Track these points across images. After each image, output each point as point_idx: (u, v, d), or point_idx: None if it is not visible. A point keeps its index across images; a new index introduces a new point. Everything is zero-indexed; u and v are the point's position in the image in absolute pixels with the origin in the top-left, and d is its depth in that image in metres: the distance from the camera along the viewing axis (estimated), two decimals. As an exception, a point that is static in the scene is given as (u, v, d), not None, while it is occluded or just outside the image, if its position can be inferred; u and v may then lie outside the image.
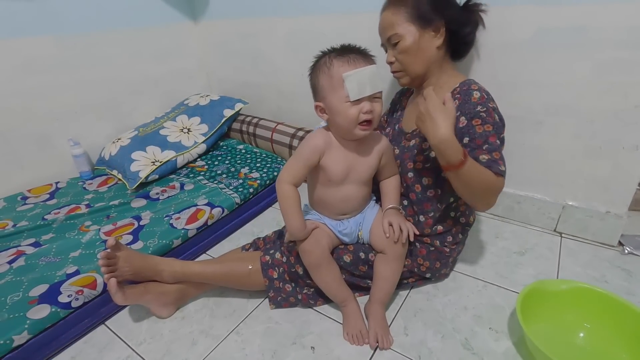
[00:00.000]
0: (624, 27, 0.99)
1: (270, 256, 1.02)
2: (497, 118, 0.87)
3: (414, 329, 0.95)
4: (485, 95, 0.88)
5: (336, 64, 0.83)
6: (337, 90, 0.83)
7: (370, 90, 0.82)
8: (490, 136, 0.84)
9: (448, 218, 1.00)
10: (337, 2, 1.46)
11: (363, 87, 0.81)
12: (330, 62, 0.84)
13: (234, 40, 1.91)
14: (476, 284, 1.09)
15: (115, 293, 0.88)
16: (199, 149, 1.70)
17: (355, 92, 0.81)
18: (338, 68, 0.82)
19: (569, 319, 0.91)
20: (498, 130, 0.85)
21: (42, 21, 1.46)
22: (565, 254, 1.20)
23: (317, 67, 0.87)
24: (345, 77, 0.80)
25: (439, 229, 0.99)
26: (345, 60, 0.82)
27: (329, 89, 0.84)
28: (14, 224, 1.27)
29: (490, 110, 0.86)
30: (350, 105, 0.82)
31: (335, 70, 0.82)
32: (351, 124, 0.84)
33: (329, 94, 0.84)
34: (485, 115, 0.85)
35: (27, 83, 1.46)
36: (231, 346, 0.93)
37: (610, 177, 1.16)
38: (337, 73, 0.82)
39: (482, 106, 0.86)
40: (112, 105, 1.74)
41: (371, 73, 0.82)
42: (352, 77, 0.80)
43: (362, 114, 0.83)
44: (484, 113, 0.85)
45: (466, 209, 1.01)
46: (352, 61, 0.82)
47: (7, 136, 1.44)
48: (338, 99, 0.83)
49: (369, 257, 0.97)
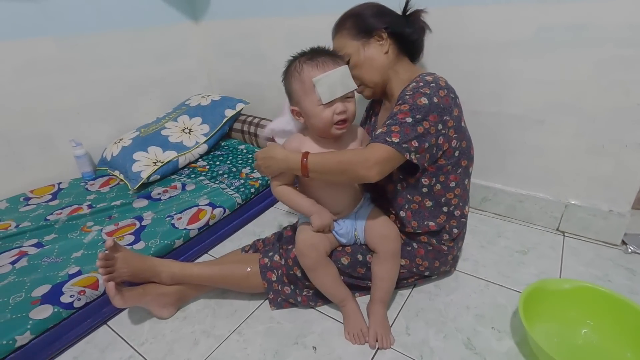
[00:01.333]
0: (625, 24, 0.99)
1: (268, 259, 1.02)
2: (422, 101, 0.82)
3: (415, 328, 0.95)
4: (421, 83, 0.85)
5: (306, 68, 0.85)
6: (309, 95, 0.85)
7: (341, 91, 0.84)
8: (400, 114, 0.82)
9: (441, 214, 0.97)
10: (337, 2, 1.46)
11: (334, 89, 0.83)
12: (300, 67, 0.86)
13: (235, 40, 1.91)
14: (478, 283, 1.09)
15: (114, 296, 0.89)
16: (200, 149, 1.70)
17: (327, 95, 0.83)
18: (308, 73, 0.84)
19: (571, 318, 0.91)
20: (414, 110, 0.81)
21: (44, 22, 1.46)
22: (567, 253, 1.19)
23: (289, 72, 0.89)
24: (315, 81, 0.82)
25: (431, 225, 0.97)
26: (315, 64, 0.84)
27: (302, 94, 0.87)
28: (16, 224, 1.28)
29: (416, 94, 0.83)
30: (324, 108, 0.85)
31: (306, 74, 0.84)
32: (327, 125, 0.87)
33: (302, 98, 0.87)
34: (408, 97, 0.83)
35: (29, 84, 1.46)
36: (233, 346, 0.93)
37: (613, 175, 1.15)
38: (308, 78, 0.84)
39: (411, 91, 0.84)
40: (113, 105, 1.75)
41: (341, 74, 0.84)
42: (323, 80, 0.82)
43: (336, 114, 0.86)
44: (407, 96, 0.84)
45: (459, 200, 0.98)
46: (321, 64, 0.84)
47: (9, 137, 1.45)
48: (311, 103, 0.86)
49: (366, 258, 0.97)
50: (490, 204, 1.41)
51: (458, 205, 0.99)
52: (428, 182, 0.93)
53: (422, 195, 0.95)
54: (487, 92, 1.25)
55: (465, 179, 0.99)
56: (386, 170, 0.82)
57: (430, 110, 0.82)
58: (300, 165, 0.86)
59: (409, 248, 1.00)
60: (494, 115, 1.27)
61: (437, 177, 0.93)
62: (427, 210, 0.96)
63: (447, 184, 0.94)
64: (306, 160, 0.86)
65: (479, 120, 1.26)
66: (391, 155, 0.80)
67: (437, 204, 0.96)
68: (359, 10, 0.99)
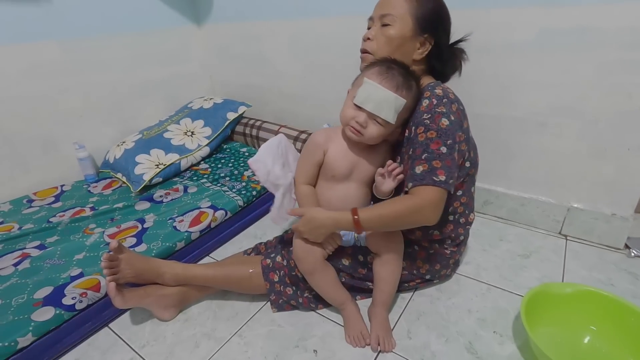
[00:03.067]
0: (627, 27, 0.99)
1: (271, 260, 1.02)
2: (444, 123, 0.80)
3: (417, 332, 0.95)
4: (435, 101, 0.82)
5: (374, 70, 0.85)
6: (355, 88, 0.88)
7: (371, 107, 0.84)
8: (432, 143, 0.80)
9: (447, 222, 0.97)
10: (339, 6, 1.47)
11: (367, 100, 0.84)
12: (374, 66, 0.86)
13: (237, 44, 1.92)
14: (480, 287, 1.08)
15: (114, 297, 0.89)
16: (202, 151, 1.71)
17: (361, 99, 0.85)
18: (370, 74, 0.85)
19: (574, 323, 0.90)
20: (443, 136, 0.80)
21: (47, 26, 1.47)
22: (570, 256, 1.19)
23: (376, 63, 0.88)
24: (364, 81, 0.85)
25: (435, 234, 0.97)
26: (384, 75, 0.83)
27: (356, 82, 0.90)
28: (19, 226, 1.28)
29: (436, 116, 0.81)
30: (351, 106, 0.88)
31: (369, 73, 0.86)
32: (343, 120, 0.90)
33: (354, 86, 0.90)
34: (429, 122, 0.81)
35: (33, 87, 1.47)
36: (234, 349, 0.93)
37: (616, 178, 1.15)
38: (367, 76, 0.85)
39: (428, 113, 0.82)
40: (116, 108, 1.76)
41: (386, 97, 0.83)
42: (368, 86, 0.84)
43: (354, 120, 0.87)
44: (427, 120, 0.81)
45: (465, 208, 0.98)
46: (387, 79, 0.83)
47: (13, 140, 1.46)
48: (352, 94, 0.89)
49: (367, 259, 0.97)
50: (492, 207, 1.41)
51: (464, 213, 0.99)
52: None
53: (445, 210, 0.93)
54: (488, 95, 1.25)
55: (471, 187, 0.98)
56: (442, 209, 0.82)
57: (454, 130, 0.81)
58: (353, 224, 0.84)
59: (410, 250, 1.00)
60: (496, 118, 1.27)
61: None
62: None
63: (454, 194, 0.93)
64: (357, 217, 0.83)
65: (480, 123, 1.26)
66: (443, 195, 0.80)
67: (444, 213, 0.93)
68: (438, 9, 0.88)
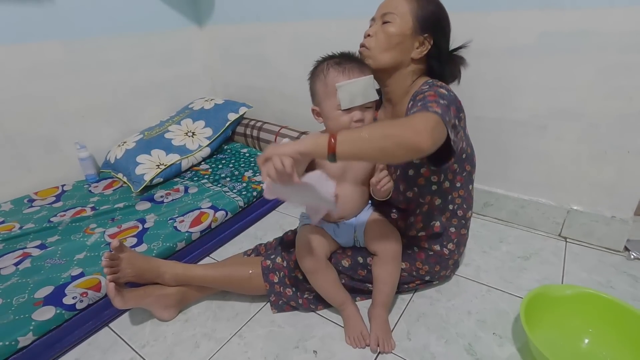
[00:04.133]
0: (627, 31, 0.99)
1: (271, 261, 1.02)
2: (442, 91, 0.80)
3: (417, 333, 0.95)
4: (432, 83, 0.85)
5: (332, 73, 0.85)
6: (331, 98, 0.85)
7: (361, 100, 0.84)
8: (430, 96, 0.77)
9: (447, 211, 0.98)
10: (341, 8, 1.47)
11: (354, 98, 0.83)
12: (327, 70, 0.86)
13: (239, 45, 1.93)
14: (480, 288, 1.09)
15: (114, 297, 0.89)
16: (203, 152, 1.71)
17: (347, 102, 0.84)
18: (333, 77, 0.84)
19: (573, 325, 0.90)
20: (440, 97, 0.77)
21: (50, 26, 1.48)
22: (570, 259, 1.19)
23: (315, 73, 0.90)
24: (338, 87, 0.83)
25: (436, 225, 0.98)
26: (341, 70, 0.84)
27: (324, 96, 0.87)
28: (20, 226, 1.29)
29: (435, 87, 0.82)
30: (342, 113, 0.85)
31: (330, 79, 0.85)
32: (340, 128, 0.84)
33: (324, 100, 0.87)
34: (427, 89, 0.81)
35: (36, 87, 1.48)
36: (234, 349, 0.93)
37: (616, 181, 1.15)
38: (332, 82, 0.84)
39: (426, 85, 0.84)
40: (118, 109, 1.76)
41: (365, 84, 0.83)
42: (345, 87, 0.83)
43: (353, 122, 0.85)
44: (426, 88, 0.82)
45: (463, 202, 0.98)
46: (348, 71, 0.84)
47: (15, 139, 1.46)
48: (331, 106, 0.86)
49: (367, 260, 0.97)
50: (492, 209, 1.41)
51: (461, 205, 1.00)
52: (437, 180, 0.94)
53: (432, 193, 0.96)
54: (489, 98, 1.26)
55: (469, 185, 1.00)
56: (438, 140, 0.71)
57: (452, 101, 0.79)
58: (326, 142, 0.69)
59: (410, 251, 1.00)
60: (496, 121, 1.27)
61: (445, 175, 0.94)
62: (437, 209, 0.98)
63: (454, 183, 0.96)
64: (334, 140, 0.69)
65: (481, 125, 1.26)
66: (439, 123, 0.70)
67: (445, 201, 0.97)
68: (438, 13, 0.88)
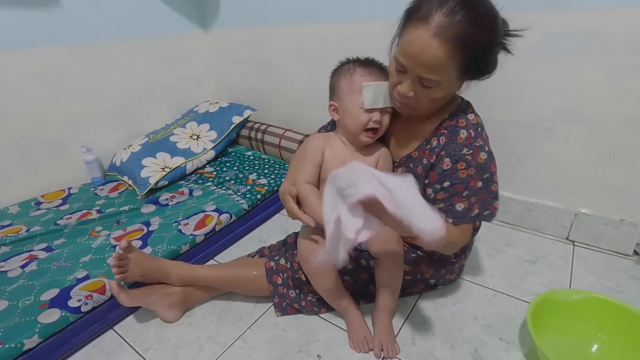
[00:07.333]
0: (635, 32, 0.98)
1: (274, 262, 1.03)
2: (482, 157, 0.80)
3: (422, 338, 0.94)
4: (472, 133, 0.81)
5: (359, 72, 0.88)
6: (355, 96, 0.88)
7: (383, 103, 0.87)
8: (472, 180, 0.82)
9: None
10: (345, 10, 1.47)
11: (377, 99, 0.87)
12: (353, 69, 0.89)
13: (243, 48, 1.94)
14: (486, 293, 1.07)
15: (118, 294, 0.92)
16: (207, 155, 1.72)
17: (370, 101, 0.86)
18: (360, 76, 0.87)
19: (582, 330, 0.89)
20: (481, 171, 0.81)
21: (57, 31, 1.50)
22: (578, 263, 1.17)
23: (340, 70, 0.92)
24: (364, 86, 0.86)
25: None
26: (368, 71, 0.88)
27: (348, 92, 0.89)
28: (27, 228, 1.30)
29: (475, 151, 0.80)
30: (363, 112, 0.88)
31: (357, 77, 0.87)
32: (359, 129, 0.89)
33: (346, 96, 0.89)
34: (470, 159, 0.80)
35: (42, 91, 1.50)
36: (237, 353, 0.93)
37: (624, 184, 1.13)
38: (358, 80, 0.87)
39: (468, 148, 0.80)
40: (123, 112, 1.78)
41: (387, 88, 0.86)
42: (371, 87, 0.86)
43: (372, 121, 0.88)
44: (469, 156, 0.80)
45: None
46: (373, 74, 0.88)
47: (22, 143, 1.48)
48: (353, 103, 0.88)
49: (370, 263, 0.97)
50: (499, 212, 1.39)
51: None
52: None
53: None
54: (495, 100, 1.25)
55: None
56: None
57: (490, 160, 0.84)
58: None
59: (414, 255, 0.99)
60: (503, 123, 1.26)
61: None
62: None
63: None
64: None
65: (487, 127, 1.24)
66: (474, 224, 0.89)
67: None
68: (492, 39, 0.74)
